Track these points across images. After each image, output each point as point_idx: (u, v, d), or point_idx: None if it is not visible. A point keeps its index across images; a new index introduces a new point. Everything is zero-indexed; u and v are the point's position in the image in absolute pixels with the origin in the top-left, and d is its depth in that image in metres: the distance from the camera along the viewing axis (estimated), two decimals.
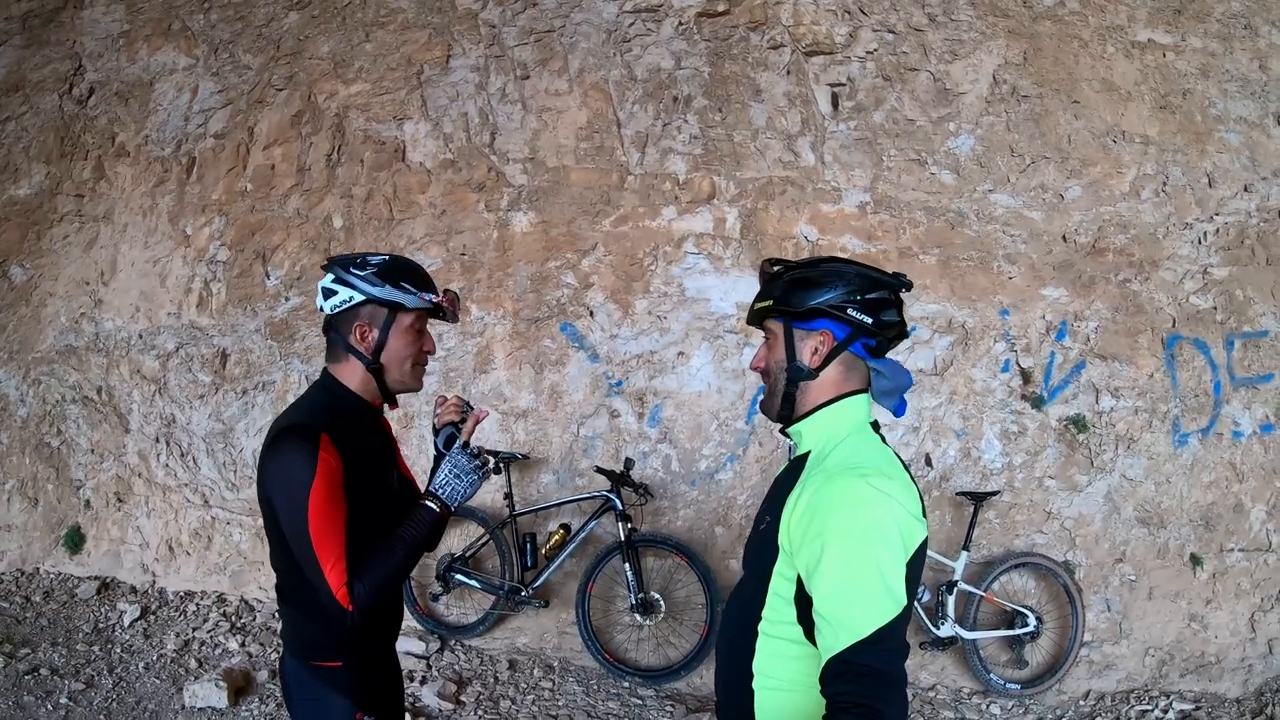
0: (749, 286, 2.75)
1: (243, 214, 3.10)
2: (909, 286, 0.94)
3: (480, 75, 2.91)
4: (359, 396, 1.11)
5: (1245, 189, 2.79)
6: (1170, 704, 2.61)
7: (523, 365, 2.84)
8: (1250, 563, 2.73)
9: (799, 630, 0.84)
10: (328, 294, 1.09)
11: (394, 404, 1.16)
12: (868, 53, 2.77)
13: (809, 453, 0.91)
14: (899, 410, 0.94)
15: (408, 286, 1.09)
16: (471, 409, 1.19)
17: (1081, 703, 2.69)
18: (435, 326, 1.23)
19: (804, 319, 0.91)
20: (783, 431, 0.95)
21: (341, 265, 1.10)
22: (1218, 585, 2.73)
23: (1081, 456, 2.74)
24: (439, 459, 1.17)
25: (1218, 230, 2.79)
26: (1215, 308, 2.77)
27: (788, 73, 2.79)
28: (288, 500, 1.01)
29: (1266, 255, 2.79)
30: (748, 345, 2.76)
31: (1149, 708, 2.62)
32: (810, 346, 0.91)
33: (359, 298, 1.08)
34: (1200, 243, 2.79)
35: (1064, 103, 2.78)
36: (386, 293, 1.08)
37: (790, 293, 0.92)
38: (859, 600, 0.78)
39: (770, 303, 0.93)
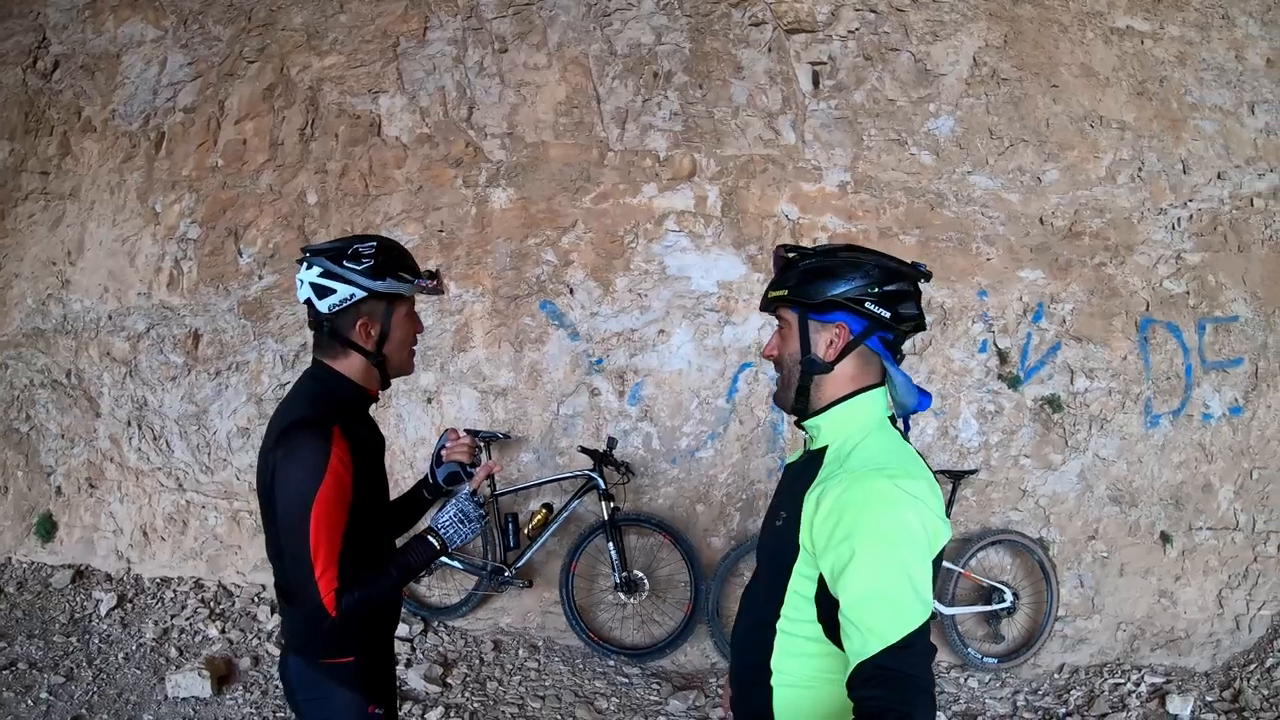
0: (730, 265, 2.71)
1: (214, 190, 2.98)
2: (929, 277, 0.91)
3: (458, 48, 2.82)
4: (360, 386, 1.09)
5: (1219, 176, 2.81)
6: (1142, 677, 2.65)
7: (502, 343, 2.77)
8: (1218, 541, 2.77)
9: (819, 629, 0.83)
10: (322, 291, 1.04)
11: (387, 389, 1.15)
12: (849, 32, 2.73)
13: (825, 448, 0.88)
14: (903, 429, 0.91)
15: (405, 275, 1.08)
16: (482, 453, 1.20)
17: (1056, 676, 2.72)
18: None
19: (820, 310, 0.88)
20: (799, 424, 0.92)
21: (332, 258, 1.04)
22: (1187, 562, 2.76)
23: (1056, 436, 2.75)
24: (433, 489, 1.19)
25: (1191, 216, 2.81)
26: (1188, 292, 2.78)
27: (769, 50, 2.74)
28: (292, 499, 0.98)
29: (1238, 242, 2.81)
30: (728, 323, 2.72)
31: (1121, 681, 2.65)
32: (826, 339, 0.88)
33: (360, 294, 1.04)
34: (1174, 228, 2.81)
35: (1043, 86, 2.77)
36: (388, 285, 1.05)
37: (806, 282, 0.88)
38: (889, 605, 0.76)
39: (785, 292, 0.90)
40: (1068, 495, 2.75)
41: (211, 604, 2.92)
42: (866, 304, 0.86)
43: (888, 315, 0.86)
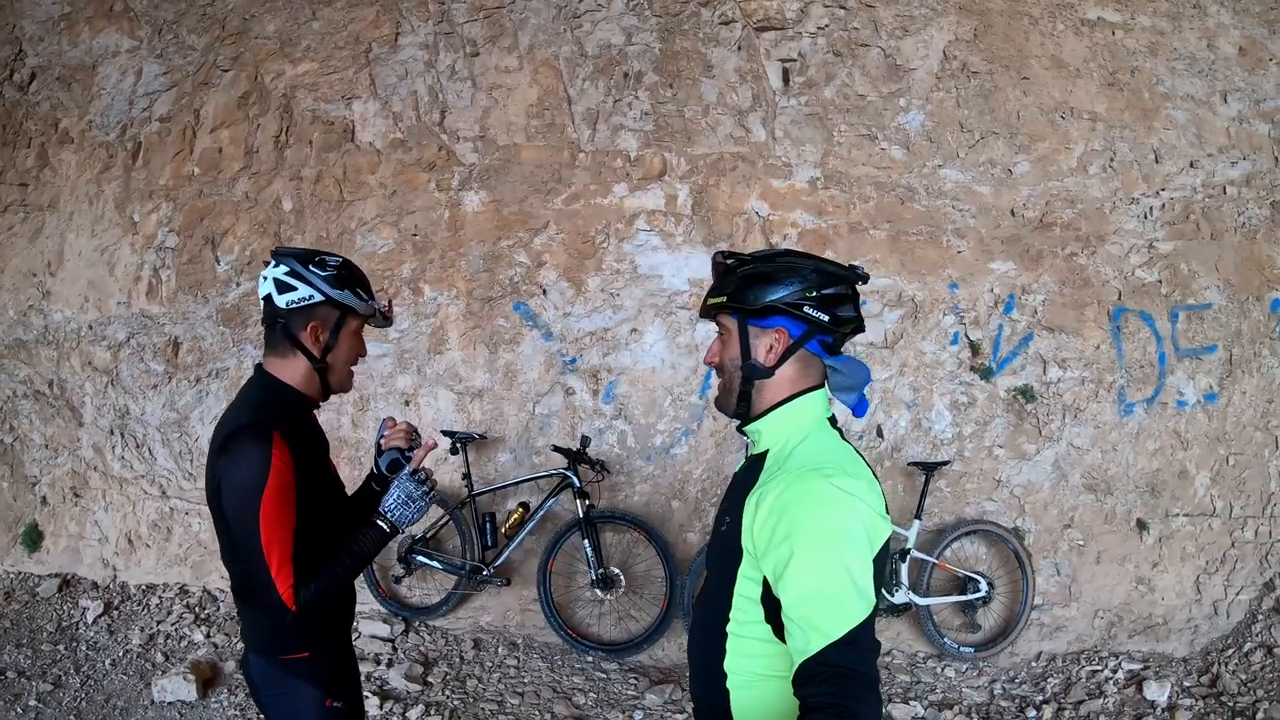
0: (700, 263, 2.71)
1: (190, 199, 2.99)
2: (865, 279, 0.91)
3: (429, 53, 2.82)
4: (300, 392, 1.12)
5: (1191, 165, 2.80)
6: (1119, 664, 2.65)
7: (477, 345, 2.78)
8: (1195, 527, 2.77)
9: (767, 629, 0.84)
10: (283, 287, 1.08)
11: (326, 400, 1.19)
12: (819, 28, 2.72)
13: (766, 451, 0.89)
14: (859, 410, 0.91)
15: (361, 294, 1.13)
16: (420, 437, 1.23)
17: (1033, 664, 2.72)
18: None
19: (759, 316, 0.88)
20: (740, 430, 0.93)
21: (299, 260, 1.10)
22: (1164, 549, 2.76)
23: (1030, 426, 2.75)
24: (380, 480, 1.23)
25: (1163, 205, 2.80)
26: (1160, 281, 2.78)
27: (739, 48, 2.74)
28: (240, 501, 1.01)
29: (1210, 230, 2.80)
30: (701, 321, 2.72)
31: (1098, 668, 2.65)
32: (766, 344, 0.88)
33: (318, 297, 1.09)
34: (1146, 217, 2.80)
35: (1014, 79, 2.76)
36: (344, 296, 1.10)
37: (744, 289, 0.88)
38: (829, 602, 0.76)
39: (724, 298, 0.90)
40: (1042, 484, 2.75)
41: (196, 609, 2.93)
42: (805, 308, 0.87)
43: (826, 319, 0.87)
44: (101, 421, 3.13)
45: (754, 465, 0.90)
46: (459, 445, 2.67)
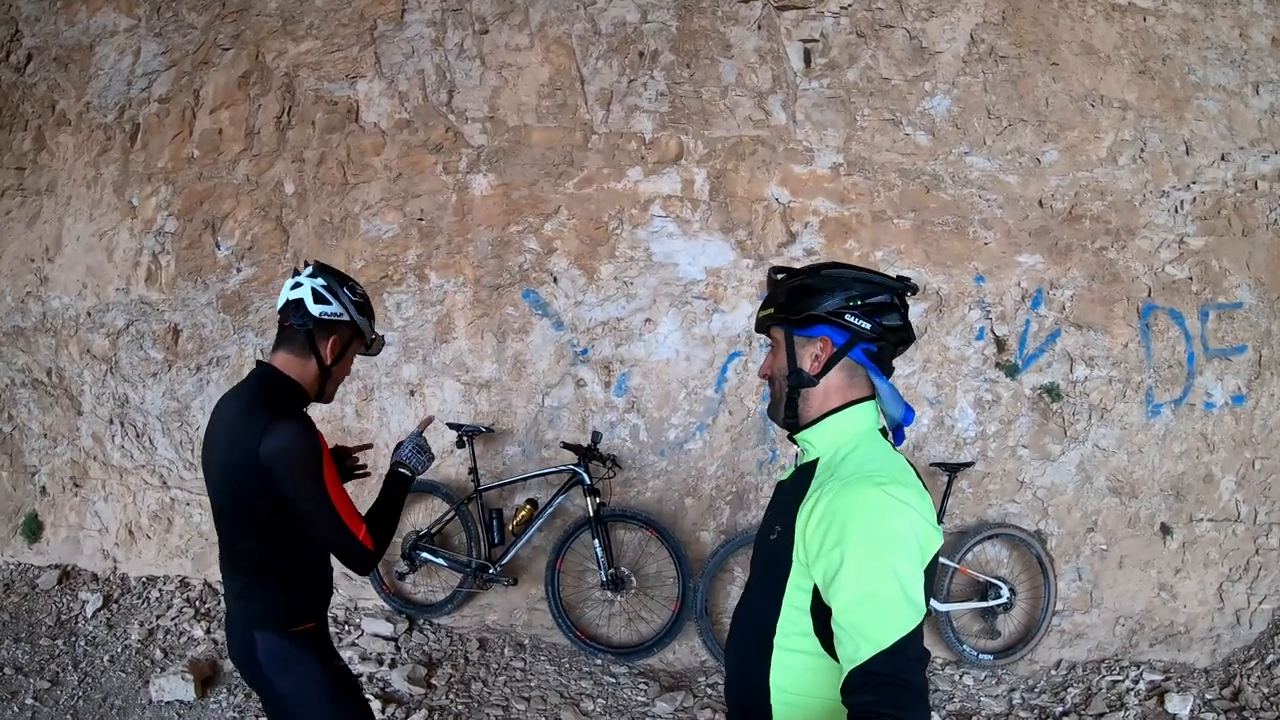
0: (717, 250, 2.51)
1: (190, 182, 2.78)
2: (914, 290, 0.89)
3: (437, 30, 2.60)
4: (306, 392, 1.23)
5: (1223, 158, 2.59)
6: (1140, 674, 2.46)
7: (484, 334, 2.57)
8: (1219, 533, 2.58)
9: (816, 642, 0.81)
10: (319, 299, 1.20)
11: (318, 401, 1.28)
12: (841, 8, 2.50)
13: (816, 460, 0.88)
14: (896, 440, 0.90)
15: (372, 324, 1.29)
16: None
17: (1053, 672, 2.54)
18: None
19: (803, 326, 0.89)
20: (791, 438, 0.92)
21: (336, 279, 1.24)
22: (1187, 555, 2.57)
23: (1055, 426, 2.55)
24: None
25: (1194, 199, 2.59)
26: (1191, 278, 2.58)
27: (759, 28, 2.51)
28: (304, 475, 1.11)
29: (1243, 226, 2.60)
30: (717, 311, 2.52)
31: (1119, 678, 2.46)
32: (811, 353, 0.88)
33: (345, 317, 1.22)
34: (1177, 211, 2.59)
35: (1042, 64, 2.54)
36: (362, 323, 1.25)
37: (791, 300, 0.89)
38: (880, 610, 0.74)
39: (772, 310, 0.91)
40: (1066, 487, 2.56)
41: (197, 603, 2.75)
42: (847, 316, 0.86)
43: (868, 327, 0.86)
44: (101, 410, 2.93)
45: (804, 474, 0.88)
46: (465, 438, 2.48)
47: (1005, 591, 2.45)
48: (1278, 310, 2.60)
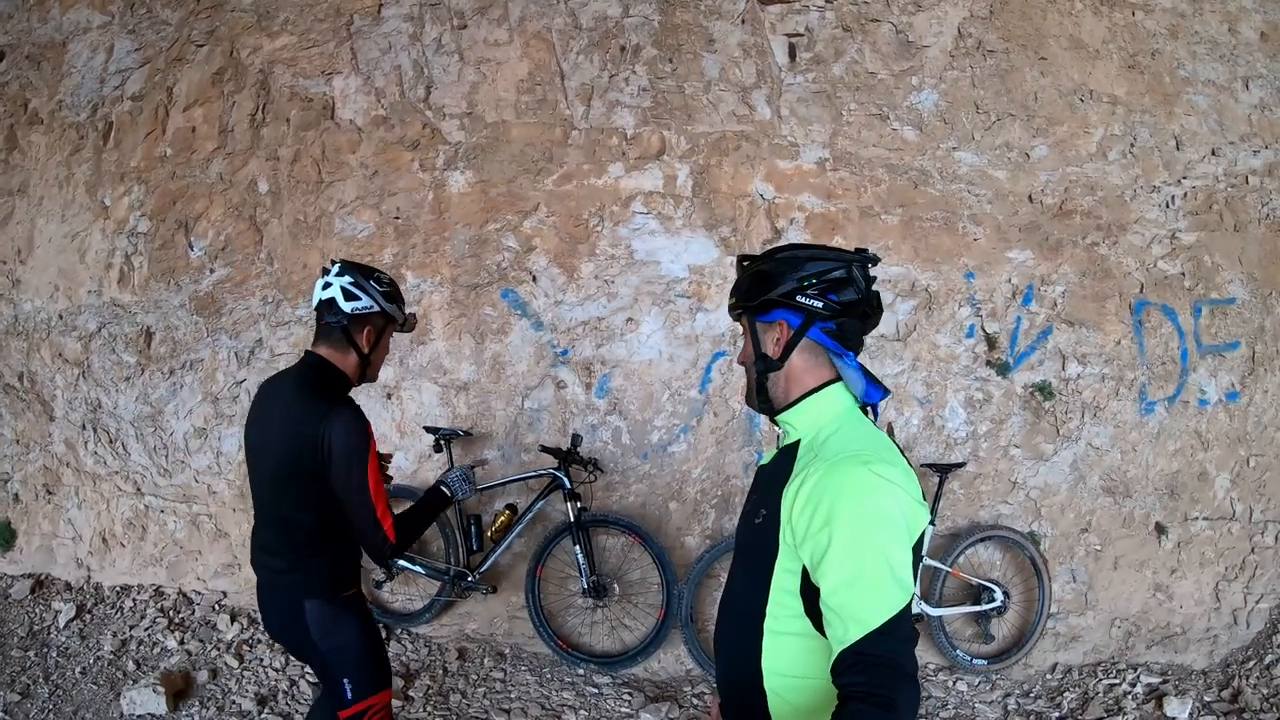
0: (700, 248, 2.42)
1: (163, 181, 2.68)
2: (874, 260, 0.87)
3: (414, 25, 2.51)
4: (350, 379, 1.32)
5: (1213, 153, 2.53)
6: (1138, 677, 2.37)
7: (462, 335, 2.48)
8: (1214, 531, 2.50)
9: (807, 623, 0.79)
10: (349, 295, 1.27)
11: (359, 385, 1.36)
12: (827, 2, 2.43)
13: (799, 441, 0.86)
14: (867, 397, 0.88)
15: (401, 307, 1.35)
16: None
17: (1048, 676, 2.44)
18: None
19: (762, 311, 0.88)
20: (773, 420, 0.92)
21: (362, 274, 1.30)
22: (1182, 554, 2.49)
23: (1047, 424, 2.46)
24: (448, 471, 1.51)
25: (1185, 194, 2.53)
26: (1183, 273, 2.51)
27: (742, 21, 2.43)
28: (354, 455, 1.20)
29: (1234, 221, 2.53)
30: (700, 310, 2.43)
31: (1116, 681, 2.37)
32: (772, 338, 0.88)
33: (375, 308, 1.29)
34: (1168, 206, 2.52)
35: (1030, 59, 2.47)
36: (393, 310, 1.32)
37: (750, 287, 0.89)
38: (868, 591, 0.73)
39: (735, 299, 0.92)
40: (1059, 487, 2.47)
41: (170, 613, 2.64)
42: (798, 298, 0.85)
43: (821, 305, 0.84)
44: (73, 415, 2.82)
45: (786, 456, 0.86)
46: (443, 442, 2.38)
47: (999, 595, 2.36)
48: (1270, 306, 2.53)
